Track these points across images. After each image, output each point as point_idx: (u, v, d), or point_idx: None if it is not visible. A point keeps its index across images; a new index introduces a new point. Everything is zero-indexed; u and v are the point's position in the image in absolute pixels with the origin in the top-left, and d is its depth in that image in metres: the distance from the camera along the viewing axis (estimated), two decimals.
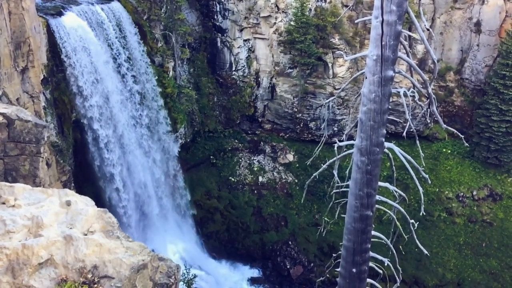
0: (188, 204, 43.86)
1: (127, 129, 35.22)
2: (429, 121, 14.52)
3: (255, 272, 43.78)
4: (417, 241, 16.55)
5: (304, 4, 42.87)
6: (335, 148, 15.85)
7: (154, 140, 38.97)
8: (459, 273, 42.16)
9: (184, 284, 28.78)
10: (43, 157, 20.32)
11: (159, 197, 40.53)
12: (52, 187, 21.53)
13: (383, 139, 14.05)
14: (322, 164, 17.48)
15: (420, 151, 16.22)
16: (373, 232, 16.07)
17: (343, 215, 16.42)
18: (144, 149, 37.81)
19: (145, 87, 37.21)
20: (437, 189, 45.36)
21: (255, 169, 47.83)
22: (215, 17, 46.29)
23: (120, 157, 34.49)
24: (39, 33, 27.05)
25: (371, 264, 16.88)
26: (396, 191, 16.37)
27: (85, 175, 33.45)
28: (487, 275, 42.05)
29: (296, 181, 47.38)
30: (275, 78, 47.42)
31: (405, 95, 14.29)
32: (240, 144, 49.16)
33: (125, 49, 34.57)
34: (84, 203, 10.47)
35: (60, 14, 29.80)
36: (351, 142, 15.06)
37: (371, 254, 16.42)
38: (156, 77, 38.44)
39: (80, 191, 26.55)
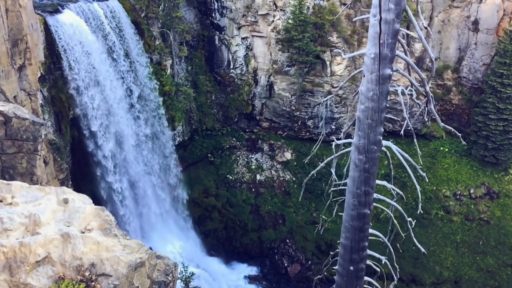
0: (186, 202, 43.84)
1: (125, 126, 35.14)
2: (426, 119, 14.55)
3: (252, 270, 43.83)
4: (414, 239, 16.59)
5: (302, 2, 42.84)
6: (333, 146, 15.87)
7: (152, 138, 38.91)
8: (456, 271, 42.30)
9: (182, 282, 28.78)
10: (40, 155, 20.28)
11: (157, 195, 40.50)
12: (49, 185, 21.50)
13: (381, 137, 14.07)
14: (320, 162, 17.50)
15: (418, 149, 16.26)
16: (370, 230, 16.11)
17: (340, 213, 16.45)
18: (142, 147, 37.75)
19: (143, 85, 37.13)
20: (435, 187, 45.46)
21: (253, 167, 47.84)
22: (213, 15, 46.23)
23: (117, 155, 34.43)
24: (36, 31, 26.96)
25: (368, 262, 16.92)
26: (393, 189, 16.40)
27: (82, 173, 33.39)
28: (484, 273, 42.21)
29: (294, 179, 47.42)
30: (273, 76, 47.40)
31: (403, 93, 14.31)
32: (238, 142, 49.15)
33: (123, 46, 34.49)
34: (81, 201, 10.45)
35: (57, 11, 29.69)
36: (349, 140, 15.08)
37: (369, 252, 16.46)
38: (154, 75, 38.37)
39: (77, 189, 26.55)
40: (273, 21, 45.23)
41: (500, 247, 43.07)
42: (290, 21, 43.80)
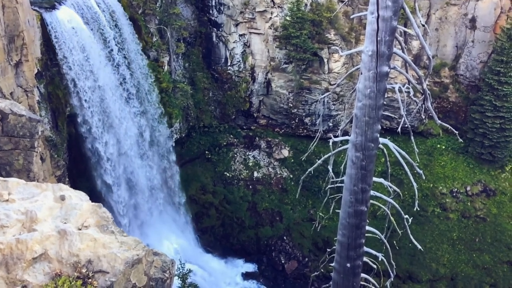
0: (183, 199, 43.84)
1: (122, 123, 35.08)
2: (423, 117, 14.59)
3: (250, 267, 43.91)
4: (411, 236, 16.65)
5: None
6: (330, 144, 15.88)
7: (149, 135, 38.85)
8: (453, 268, 42.49)
9: (179, 279, 28.82)
10: (37, 152, 20.23)
11: (154, 192, 40.48)
12: (46, 181, 21.47)
13: (378, 135, 14.10)
14: (317, 160, 17.52)
15: (415, 146, 16.29)
16: (367, 227, 16.15)
17: (337, 210, 16.48)
18: (139, 144, 37.70)
19: (140, 81, 37.05)
20: (431, 185, 45.59)
21: (250, 164, 47.86)
22: (211, 11, 46.11)
23: (114, 150, 34.36)
24: (33, 27, 26.84)
25: (365, 259, 16.97)
26: (390, 187, 16.44)
27: (79, 170, 33.34)
28: (480, 270, 42.41)
29: (291, 176, 47.46)
30: (271, 73, 47.37)
31: (400, 90, 14.33)
32: (235, 139, 49.14)
33: (120, 43, 34.39)
34: (78, 198, 10.44)
35: (54, 7, 29.56)
36: (346, 137, 15.10)
37: (365, 249, 16.51)
38: (151, 72, 38.28)
39: (74, 185, 26.48)
40: (270, 18, 45.17)
41: (496, 244, 43.27)
42: (287, 18, 43.74)
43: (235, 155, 48.24)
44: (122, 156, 35.44)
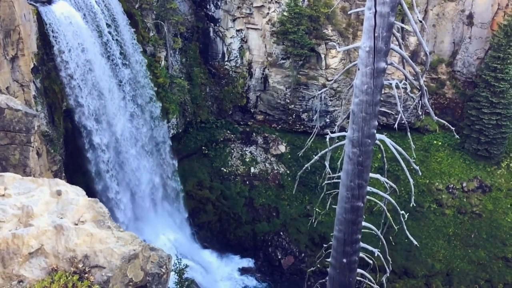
0: (180, 194, 43.83)
1: (118, 118, 35.00)
2: (420, 113, 14.61)
3: (246, 262, 44.01)
4: (407, 232, 16.71)
5: None
6: (327, 140, 15.90)
7: (146, 130, 38.79)
8: (448, 263, 42.71)
9: (176, 274, 28.88)
10: (33, 147, 20.18)
11: (151, 187, 40.46)
12: (42, 176, 21.40)
13: (375, 131, 14.11)
14: (314, 155, 17.54)
15: (411, 142, 16.33)
16: (363, 223, 16.20)
17: (334, 206, 16.52)
18: (135, 138, 37.63)
19: (137, 76, 36.94)
20: (428, 181, 45.74)
21: (247, 160, 47.87)
22: (208, 6, 45.95)
23: (111, 145, 34.30)
24: (29, 21, 26.70)
25: (361, 254, 17.04)
26: (387, 183, 16.48)
27: (76, 165, 33.26)
28: (476, 265, 42.64)
29: (288, 172, 47.51)
30: (268, 69, 47.30)
31: (397, 87, 14.34)
32: (232, 135, 49.12)
33: (116, 38, 34.24)
34: (75, 193, 10.42)
35: (50, 1, 29.39)
36: (343, 133, 15.11)
37: (362, 244, 16.57)
38: (148, 67, 38.16)
39: (71, 181, 26.46)
40: (268, 13, 45.06)
41: (492, 240, 43.49)
42: (285, 13, 43.64)
43: (232, 151, 48.24)
44: (118, 151, 35.37)
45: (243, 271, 43.32)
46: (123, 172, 36.41)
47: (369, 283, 18.41)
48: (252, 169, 47.45)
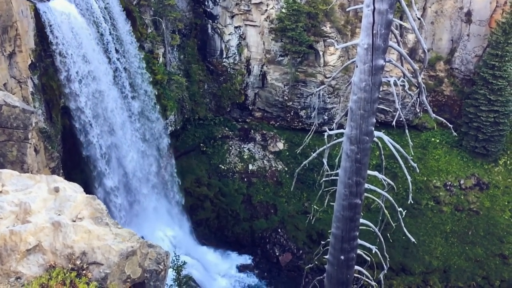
0: (178, 191, 43.84)
1: (116, 116, 34.93)
2: (418, 110, 14.65)
3: (244, 259, 44.06)
4: (404, 229, 16.77)
5: None
6: (325, 137, 15.92)
7: (143, 127, 38.74)
8: (445, 260, 42.84)
9: (174, 271, 28.89)
10: (31, 143, 20.14)
11: (149, 184, 40.43)
12: (40, 173, 21.35)
13: (373, 128, 14.13)
14: (312, 153, 17.56)
15: (409, 140, 16.37)
16: (361, 220, 16.24)
17: (332, 203, 16.56)
18: (134, 136, 37.58)
19: (135, 73, 36.86)
20: (425, 178, 45.83)
21: (245, 157, 47.87)
22: (206, 3, 45.83)
23: (108, 141, 34.25)
24: (26, 17, 26.60)
25: (359, 251, 17.09)
26: (384, 180, 16.52)
27: (73, 162, 33.21)
28: (473, 262, 42.79)
29: (286, 169, 47.55)
30: (266, 66, 47.26)
31: (395, 84, 14.36)
32: (230, 132, 49.10)
33: (114, 34, 34.14)
34: (72, 190, 10.41)
35: None
36: (341, 130, 15.13)
37: (359, 241, 16.62)
38: (146, 63, 38.07)
39: (68, 177, 26.36)
40: (266, 10, 44.98)
41: (489, 237, 43.64)
42: (283, 10, 43.57)
43: (230, 148, 48.23)
44: (116, 147, 35.32)
45: (241, 268, 43.38)
46: (121, 167, 36.37)
47: (366, 279, 18.48)
48: (250, 166, 47.46)
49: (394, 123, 15.68)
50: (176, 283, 28.99)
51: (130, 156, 36.81)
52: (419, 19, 12.81)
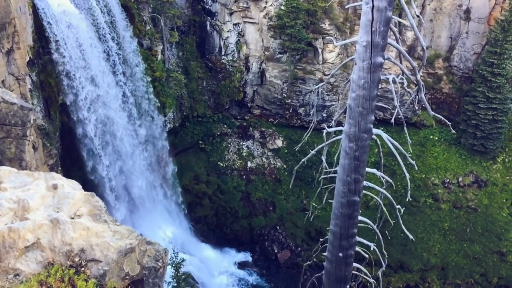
0: (177, 188, 43.83)
1: (115, 113, 34.86)
2: (417, 108, 14.65)
3: (243, 256, 44.11)
4: (403, 226, 16.80)
5: None
6: (324, 134, 15.92)
7: (142, 123, 38.68)
8: (443, 257, 42.94)
9: (172, 268, 28.90)
10: (29, 140, 20.11)
11: (148, 181, 40.41)
12: (38, 170, 21.33)
13: (371, 126, 14.14)
14: (310, 150, 17.57)
15: (408, 137, 16.39)
16: (359, 217, 16.27)
17: (330, 201, 16.57)
18: (132, 133, 37.53)
19: (133, 70, 36.78)
20: (424, 176, 45.89)
21: (244, 154, 47.87)
22: (205, 0, 45.74)
23: (107, 138, 34.20)
24: (24, 14, 26.51)
25: (357, 248, 17.12)
26: (383, 177, 16.54)
27: (72, 159, 33.16)
28: (471, 259, 42.90)
29: (285, 166, 47.57)
30: (265, 63, 47.21)
31: (394, 81, 14.35)
32: (229, 129, 49.08)
33: (113, 31, 34.05)
34: (71, 187, 10.40)
35: None
36: (340, 128, 15.14)
37: (358, 239, 16.65)
38: (144, 60, 37.99)
39: (67, 175, 26.33)
40: (265, 7, 44.90)
41: (487, 235, 43.74)
42: (282, 7, 43.50)
43: (229, 145, 48.22)
44: (115, 144, 35.28)
45: (240, 265, 43.44)
46: (119, 165, 36.32)
47: (365, 277, 18.52)
48: (249, 164, 47.46)
49: (392, 120, 15.69)
50: (174, 280, 29.02)
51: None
52: (418, 16, 12.80)
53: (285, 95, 47.74)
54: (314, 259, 22.04)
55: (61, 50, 28.94)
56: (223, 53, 47.50)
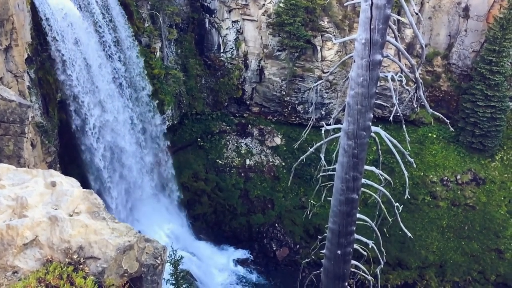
0: (175, 186, 43.83)
1: (113, 112, 34.83)
2: (415, 105, 14.65)
3: (241, 254, 44.17)
4: (401, 224, 16.83)
5: None
6: (323, 132, 15.91)
7: (141, 122, 38.66)
8: (442, 255, 43.04)
9: (171, 265, 28.90)
10: (27, 138, 20.09)
11: (146, 179, 40.40)
12: (37, 168, 21.34)
13: (370, 123, 14.14)
14: (309, 148, 17.57)
15: (406, 135, 16.38)
16: (358, 215, 16.29)
17: (329, 198, 16.59)
18: (131, 131, 37.51)
19: (132, 68, 36.73)
20: (422, 173, 45.95)
21: (243, 152, 47.87)
22: None
23: (105, 136, 34.17)
24: (22, 11, 26.44)
25: (355, 246, 17.15)
26: (381, 175, 16.56)
27: (70, 157, 33.13)
28: (469, 257, 43.01)
29: (283, 164, 47.57)
30: (264, 61, 47.17)
31: (393, 79, 14.35)
32: (227, 127, 49.06)
33: (111, 28, 33.99)
34: (69, 184, 10.39)
35: None
36: (339, 126, 15.14)
37: (356, 236, 16.68)
38: (143, 58, 37.92)
39: (65, 172, 26.31)
40: (264, 4, 44.83)
41: (485, 232, 43.85)
42: (281, 4, 43.45)
43: (228, 143, 48.20)
44: (113, 142, 35.25)
45: (238, 262, 43.49)
46: (118, 162, 36.31)
47: (363, 274, 18.56)
48: (248, 161, 47.47)
49: (391, 118, 15.70)
50: (173, 277, 29.02)
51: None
52: (417, 14, 12.79)
53: (284, 93, 47.73)
54: (313, 257, 22.06)
55: (60, 47, 28.90)
56: (221, 50, 47.43)
